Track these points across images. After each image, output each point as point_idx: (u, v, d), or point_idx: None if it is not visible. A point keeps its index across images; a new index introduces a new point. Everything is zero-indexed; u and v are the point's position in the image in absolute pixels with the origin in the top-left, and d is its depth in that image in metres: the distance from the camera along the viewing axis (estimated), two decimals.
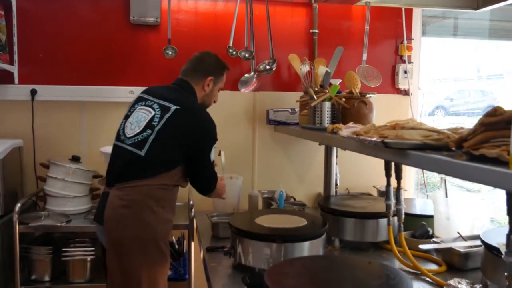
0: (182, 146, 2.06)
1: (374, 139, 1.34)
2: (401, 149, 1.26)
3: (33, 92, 2.83)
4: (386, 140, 1.28)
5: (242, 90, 3.04)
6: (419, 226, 2.16)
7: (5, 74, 2.78)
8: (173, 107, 2.09)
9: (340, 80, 2.82)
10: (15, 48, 2.81)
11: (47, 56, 2.88)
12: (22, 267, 2.50)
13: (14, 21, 2.80)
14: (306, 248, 1.75)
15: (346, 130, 1.74)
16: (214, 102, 2.38)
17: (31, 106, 2.83)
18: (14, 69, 2.81)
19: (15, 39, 2.81)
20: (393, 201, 1.91)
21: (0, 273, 2.40)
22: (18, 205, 2.41)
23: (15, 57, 2.81)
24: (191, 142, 2.08)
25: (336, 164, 2.77)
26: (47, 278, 2.54)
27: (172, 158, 2.06)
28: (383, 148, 1.30)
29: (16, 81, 2.83)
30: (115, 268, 2.01)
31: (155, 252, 2.01)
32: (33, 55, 2.87)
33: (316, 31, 3.13)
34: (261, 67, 3.05)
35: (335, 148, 2.73)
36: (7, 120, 2.85)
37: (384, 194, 1.95)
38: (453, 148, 1.11)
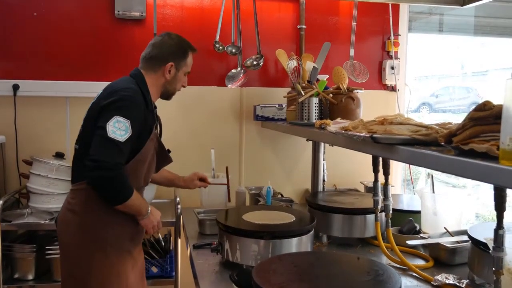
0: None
1: (362, 134, 1.33)
2: (390, 144, 1.25)
3: (15, 87, 2.76)
4: (374, 135, 1.28)
5: (229, 85, 3.01)
6: (406, 221, 2.17)
7: None
8: (99, 93, 1.99)
9: (328, 76, 2.80)
10: None
11: (29, 50, 2.82)
12: (4, 266, 2.45)
13: None
14: (294, 245, 1.74)
15: (334, 125, 1.73)
16: (183, 86, 2.17)
17: (13, 102, 2.77)
18: None
19: None
20: (380, 197, 1.91)
21: None
22: (0, 202, 2.37)
23: None
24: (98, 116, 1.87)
25: (324, 160, 2.76)
26: (30, 277, 2.50)
27: None
28: (371, 143, 1.29)
29: None
30: (64, 269, 1.98)
31: (101, 257, 1.91)
32: (15, 49, 2.81)
33: (303, 26, 3.11)
34: (248, 62, 3.03)
35: (322, 144, 2.73)
36: None
37: (372, 190, 1.95)
38: (442, 143, 1.10)
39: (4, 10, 2.77)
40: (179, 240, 2.50)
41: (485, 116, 1.00)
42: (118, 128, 1.80)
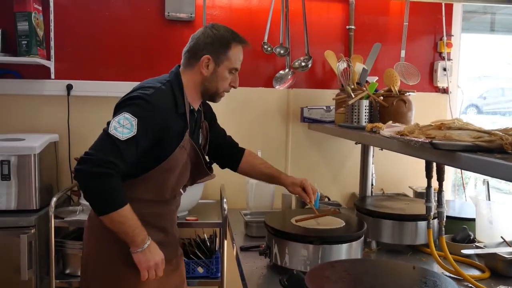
0: None
1: (421, 139, 1.29)
2: (450, 151, 1.20)
3: (69, 87, 2.85)
4: (434, 141, 1.23)
5: (277, 87, 2.99)
6: (460, 229, 2.09)
7: (42, 69, 2.81)
8: None
9: (377, 78, 2.75)
10: (52, 43, 2.83)
11: (82, 51, 2.90)
12: (57, 261, 2.52)
13: (51, 17, 2.82)
14: (344, 251, 1.70)
15: (388, 129, 1.68)
16: (233, 87, 1.88)
17: (67, 101, 2.86)
18: (51, 64, 2.83)
19: (52, 34, 2.83)
20: (434, 203, 1.85)
21: (36, 266, 2.43)
22: (54, 199, 2.43)
23: (52, 52, 2.84)
24: None
25: (372, 163, 2.70)
26: None
27: None
28: (430, 149, 1.25)
29: (53, 76, 2.86)
30: (82, 282, 1.88)
31: (119, 274, 1.74)
32: (69, 51, 2.89)
33: (353, 27, 3.06)
34: (296, 63, 3.00)
35: (372, 148, 2.67)
36: (43, 114, 2.88)
37: (421, 195, 1.89)
38: (510, 151, 1.05)
39: (59, 13, 2.86)
40: (225, 241, 2.50)
41: None
42: (122, 125, 1.61)
